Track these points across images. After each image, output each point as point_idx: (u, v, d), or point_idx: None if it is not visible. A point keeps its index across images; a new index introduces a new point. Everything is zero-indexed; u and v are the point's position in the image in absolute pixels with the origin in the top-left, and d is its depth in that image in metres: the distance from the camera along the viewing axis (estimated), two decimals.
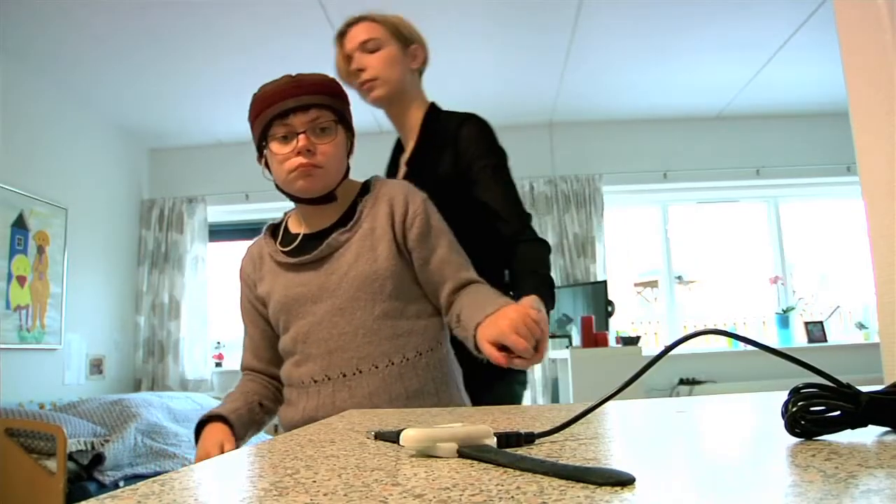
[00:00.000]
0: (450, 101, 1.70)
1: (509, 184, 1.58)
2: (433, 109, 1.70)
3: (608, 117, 5.20)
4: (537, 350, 1.09)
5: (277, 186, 1.35)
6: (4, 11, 3.37)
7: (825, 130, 5.06)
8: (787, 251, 5.42)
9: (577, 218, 5.05)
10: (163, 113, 4.83)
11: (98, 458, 3.22)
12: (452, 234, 1.39)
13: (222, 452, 1.20)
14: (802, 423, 0.52)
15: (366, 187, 1.40)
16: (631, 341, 4.35)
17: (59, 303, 4.19)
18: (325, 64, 1.67)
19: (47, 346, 4.09)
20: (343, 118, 1.31)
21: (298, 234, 1.38)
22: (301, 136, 1.24)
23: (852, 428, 0.53)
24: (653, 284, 5.86)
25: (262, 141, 1.30)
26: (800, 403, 0.52)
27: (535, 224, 1.57)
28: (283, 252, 1.36)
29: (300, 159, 1.26)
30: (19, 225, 3.92)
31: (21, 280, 3.89)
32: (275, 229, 1.44)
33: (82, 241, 4.47)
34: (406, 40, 1.65)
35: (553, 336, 4.72)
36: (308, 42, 3.72)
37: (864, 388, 0.56)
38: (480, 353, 1.16)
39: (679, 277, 5.53)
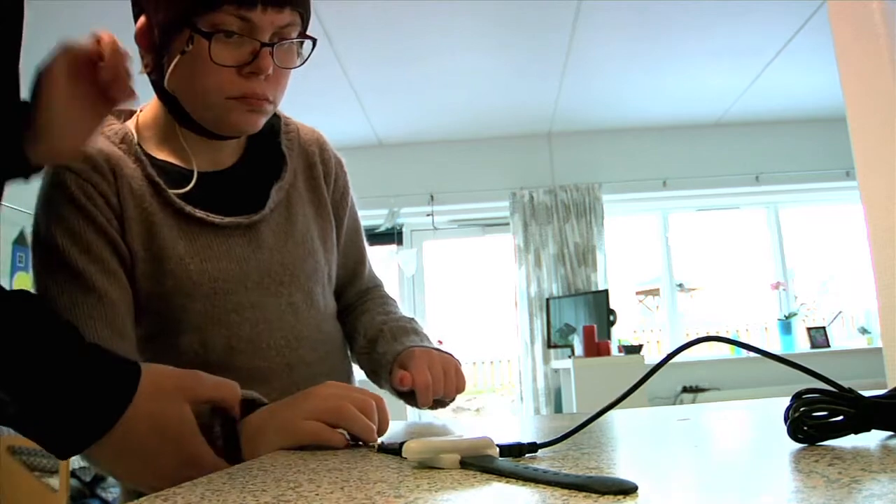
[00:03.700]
0: (450, 111, 1.69)
1: None
2: None
3: (607, 126, 5.21)
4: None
5: (165, 93, 0.85)
6: None
7: (824, 135, 5.07)
8: (788, 257, 5.42)
9: (578, 227, 5.06)
10: None
11: (100, 475, 3.21)
12: None
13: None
14: (805, 428, 0.52)
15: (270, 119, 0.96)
16: (633, 350, 4.35)
17: None
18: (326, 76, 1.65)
19: None
20: (305, 31, 0.88)
21: (172, 166, 0.89)
22: (265, 54, 0.80)
23: (855, 433, 0.53)
24: (654, 293, 5.87)
25: (184, 20, 0.79)
26: (802, 409, 0.52)
27: (536, 234, 1.53)
28: (173, 193, 0.86)
29: (255, 87, 0.82)
30: (21, 242, 3.93)
31: None
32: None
33: None
34: None
35: (555, 346, 4.72)
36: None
37: (868, 393, 0.56)
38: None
39: (680, 285, 5.53)
